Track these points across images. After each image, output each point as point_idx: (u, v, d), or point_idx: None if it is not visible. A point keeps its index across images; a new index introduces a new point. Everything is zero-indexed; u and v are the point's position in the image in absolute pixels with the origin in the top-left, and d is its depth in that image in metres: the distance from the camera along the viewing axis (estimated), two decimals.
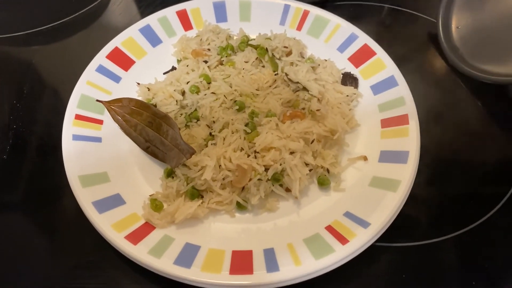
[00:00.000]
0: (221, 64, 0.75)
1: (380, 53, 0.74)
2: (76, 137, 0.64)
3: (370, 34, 0.78)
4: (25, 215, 0.63)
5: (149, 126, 0.64)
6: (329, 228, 0.56)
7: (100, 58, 0.74)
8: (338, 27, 0.79)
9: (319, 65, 0.76)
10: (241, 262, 0.53)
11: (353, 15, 0.91)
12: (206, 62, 0.74)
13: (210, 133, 0.65)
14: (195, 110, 0.68)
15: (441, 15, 0.83)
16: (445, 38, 0.83)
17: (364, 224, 0.55)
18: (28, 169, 0.67)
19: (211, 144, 0.63)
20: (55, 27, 0.89)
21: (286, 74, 0.70)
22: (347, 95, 0.71)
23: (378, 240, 0.55)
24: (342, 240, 0.54)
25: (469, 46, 0.80)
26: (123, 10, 0.94)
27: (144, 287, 0.55)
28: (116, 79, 0.74)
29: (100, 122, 0.68)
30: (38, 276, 0.56)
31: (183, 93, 0.70)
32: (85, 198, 0.57)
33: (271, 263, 0.52)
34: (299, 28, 0.82)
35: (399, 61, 0.74)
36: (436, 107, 0.75)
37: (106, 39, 0.77)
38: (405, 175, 0.59)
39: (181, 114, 0.68)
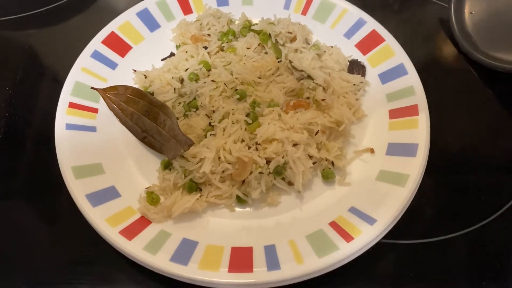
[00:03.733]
0: (222, 50, 0.72)
1: (389, 39, 0.71)
2: (69, 126, 0.62)
3: (378, 19, 0.74)
4: (17, 207, 0.61)
5: (145, 116, 0.61)
6: (333, 224, 0.54)
7: (96, 43, 0.71)
8: (345, 11, 0.76)
9: (324, 51, 0.73)
10: (241, 259, 0.51)
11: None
12: (206, 48, 0.71)
13: (210, 123, 0.62)
14: (194, 98, 0.65)
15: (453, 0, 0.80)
16: (458, 24, 0.79)
17: (370, 220, 0.53)
18: (21, 159, 0.65)
19: (211, 135, 0.60)
20: (50, 9, 0.86)
21: (290, 62, 0.67)
22: (354, 84, 0.67)
23: (384, 237, 0.53)
24: (347, 237, 0.51)
25: (482, 33, 0.76)
26: None
27: (140, 283, 0.53)
28: (112, 65, 0.71)
29: (95, 110, 0.65)
30: (32, 271, 0.55)
31: (181, 80, 0.67)
32: (79, 190, 0.55)
33: (272, 260, 0.50)
34: (304, 12, 0.78)
35: (409, 48, 0.71)
36: (447, 96, 0.72)
37: (104, 23, 0.74)
38: (413, 169, 0.56)
39: (179, 103, 0.66)
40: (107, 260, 0.55)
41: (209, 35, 0.73)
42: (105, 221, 0.53)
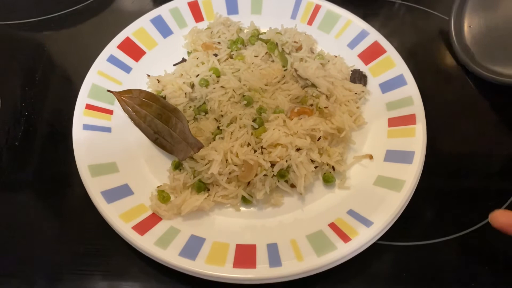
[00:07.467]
0: (231, 57, 0.75)
1: (390, 51, 0.74)
2: (86, 127, 0.65)
3: (380, 29, 0.77)
4: (35, 202, 0.64)
5: (158, 118, 0.65)
6: (332, 226, 0.57)
7: (111, 48, 0.74)
8: (349, 23, 0.79)
9: (328, 61, 0.76)
10: (245, 256, 0.54)
11: (364, 10, 0.90)
12: (216, 55, 0.74)
13: (218, 127, 0.66)
14: (204, 103, 0.69)
15: (453, 13, 0.82)
16: (457, 36, 0.82)
17: (367, 223, 0.56)
18: (39, 156, 0.68)
19: (219, 138, 0.63)
20: (67, 14, 0.89)
21: (296, 70, 0.70)
22: (356, 93, 0.71)
23: (380, 239, 0.56)
24: (345, 238, 0.55)
25: (480, 46, 0.79)
26: None
27: (150, 276, 0.57)
28: (127, 69, 0.74)
29: (110, 112, 0.68)
30: (45, 262, 0.58)
31: (192, 86, 0.70)
32: (94, 187, 0.58)
33: (274, 258, 0.53)
34: (310, 22, 0.82)
35: (409, 58, 0.74)
36: (445, 106, 0.75)
37: (118, 27, 0.78)
38: (409, 175, 0.59)
39: (190, 107, 0.69)
40: (119, 253, 0.58)
41: (219, 43, 0.76)
42: (119, 217, 0.56)
